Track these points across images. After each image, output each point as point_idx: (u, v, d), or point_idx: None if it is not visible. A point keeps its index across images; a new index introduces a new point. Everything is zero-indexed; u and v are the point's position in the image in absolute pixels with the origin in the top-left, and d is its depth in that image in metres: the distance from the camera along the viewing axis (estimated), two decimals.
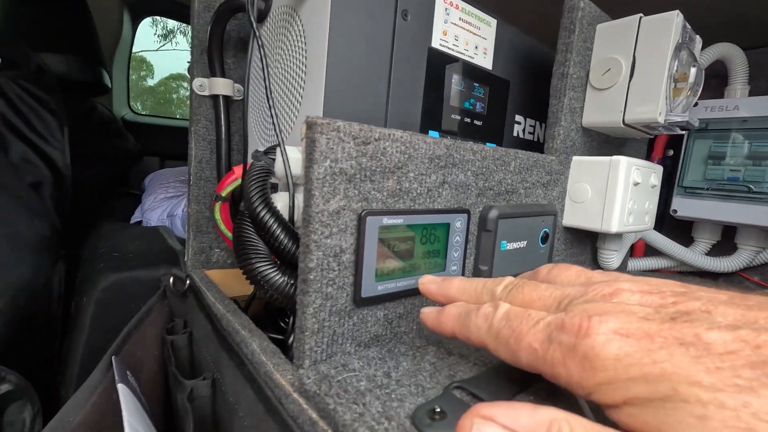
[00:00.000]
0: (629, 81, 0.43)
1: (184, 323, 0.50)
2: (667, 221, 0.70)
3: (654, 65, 0.42)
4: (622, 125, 0.44)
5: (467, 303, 0.24)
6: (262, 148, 0.38)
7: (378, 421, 0.21)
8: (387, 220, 0.29)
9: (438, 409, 0.21)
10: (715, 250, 0.66)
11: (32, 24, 0.92)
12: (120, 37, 1.35)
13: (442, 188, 0.33)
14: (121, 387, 0.34)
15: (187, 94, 0.54)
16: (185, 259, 0.53)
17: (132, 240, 0.65)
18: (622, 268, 0.66)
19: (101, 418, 0.36)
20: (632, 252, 0.72)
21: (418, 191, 0.32)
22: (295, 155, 0.35)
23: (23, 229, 0.63)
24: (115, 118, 1.26)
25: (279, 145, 0.35)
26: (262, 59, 0.36)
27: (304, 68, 0.38)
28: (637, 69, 0.43)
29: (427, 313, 0.27)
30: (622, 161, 0.43)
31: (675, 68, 0.42)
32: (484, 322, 0.21)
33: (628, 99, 0.43)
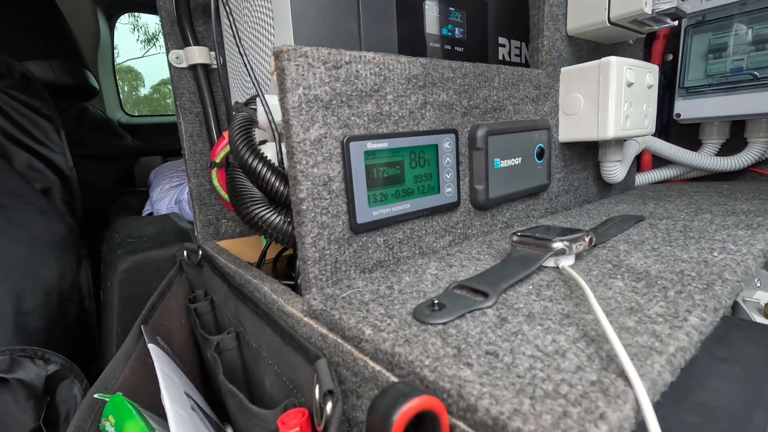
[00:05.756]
0: None
1: (204, 293, 0.52)
2: (673, 131, 0.68)
3: None
4: (608, 24, 0.43)
5: None
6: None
7: (381, 320, 0.22)
8: (371, 145, 0.30)
9: (437, 301, 0.22)
10: (725, 151, 0.64)
11: (7, 33, 0.92)
12: (99, 39, 1.34)
13: (425, 109, 0.33)
14: (151, 347, 0.36)
15: None
16: (195, 233, 0.55)
17: (145, 227, 0.67)
18: (629, 181, 0.65)
19: (140, 379, 0.38)
20: (639, 166, 0.70)
21: (400, 114, 0.31)
22: (275, 102, 0.35)
23: (41, 232, 0.65)
24: (108, 117, 1.28)
25: (258, 93, 0.35)
26: (225, 6, 0.35)
27: (270, 14, 0.37)
28: None
29: None
30: (612, 61, 0.42)
31: None
32: None
33: None
